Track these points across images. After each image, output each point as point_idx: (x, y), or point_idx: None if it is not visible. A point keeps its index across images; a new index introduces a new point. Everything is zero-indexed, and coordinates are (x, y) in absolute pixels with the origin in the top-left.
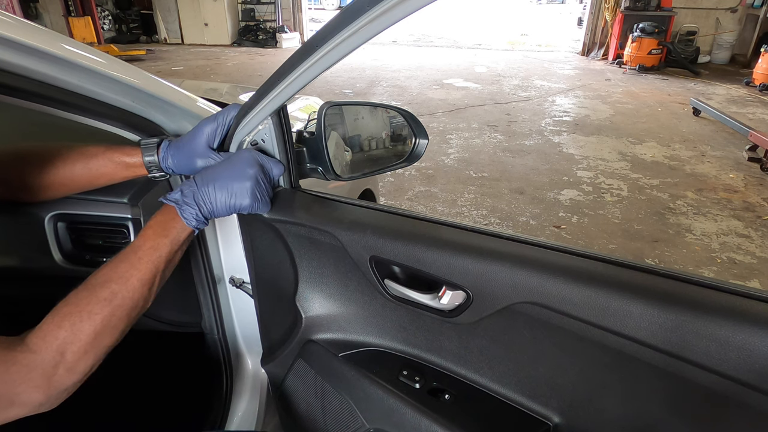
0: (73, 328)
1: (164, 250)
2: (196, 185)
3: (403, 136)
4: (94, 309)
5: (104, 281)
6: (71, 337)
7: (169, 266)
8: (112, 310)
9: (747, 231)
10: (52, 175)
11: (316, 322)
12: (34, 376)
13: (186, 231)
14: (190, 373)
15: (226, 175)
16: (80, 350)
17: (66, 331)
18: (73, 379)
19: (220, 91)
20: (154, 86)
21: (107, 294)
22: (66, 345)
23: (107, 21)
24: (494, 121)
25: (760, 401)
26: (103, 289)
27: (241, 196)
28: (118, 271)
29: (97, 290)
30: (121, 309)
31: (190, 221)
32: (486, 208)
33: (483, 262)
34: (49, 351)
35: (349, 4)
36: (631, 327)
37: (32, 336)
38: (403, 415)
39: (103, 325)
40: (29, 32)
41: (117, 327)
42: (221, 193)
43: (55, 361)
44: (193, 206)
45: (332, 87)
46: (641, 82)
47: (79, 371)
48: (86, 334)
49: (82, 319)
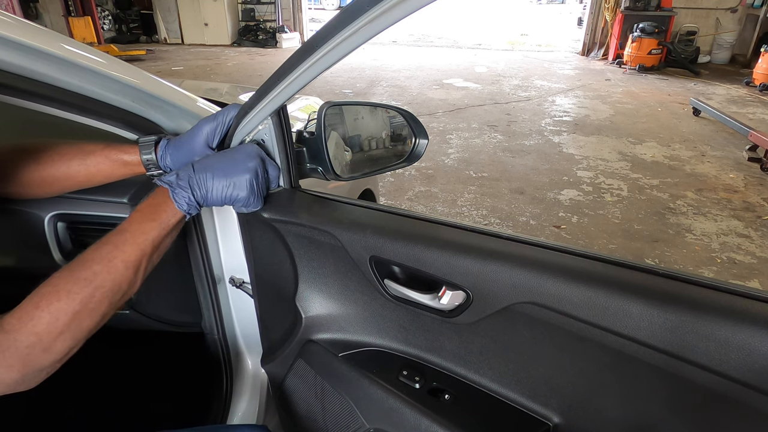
0: (50, 307)
1: (152, 234)
2: (193, 170)
3: (403, 136)
4: (73, 289)
5: (85, 261)
6: (47, 317)
7: (157, 251)
8: (92, 291)
9: (747, 231)
10: (49, 171)
11: (316, 322)
12: (8, 355)
13: (177, 216)
14: (190, 373)
15: (225, 164)
16: (57, 330)
17: (42, 311)
18: (50, 359)
19: (220, 91)
20: (154, 86)
21: (88, 274)
22: (42, 325)
23: (107, 21)
24: (494, 121)
25: (760, 401)
26: (83, 269)
27: (239, 187)
28: (101, 252)
29: (77, 270)
30: (102, 290)
31: (181, 205)
32: (486, 208)
33: (483, 262)
34: (24, 331)
35: (349, 4)
36: (631, 327)
37: (8, 316)
38: (403, 415)
39: (82, 305)
40: (29, 32)
41: (97, 309)
42: (219, 182)
43: (29, 341)
44: (186, 189)
45: (332, 87)
46: (641, 82)
47: (56, 351)
48: (64, 313)
49: (60, 298)
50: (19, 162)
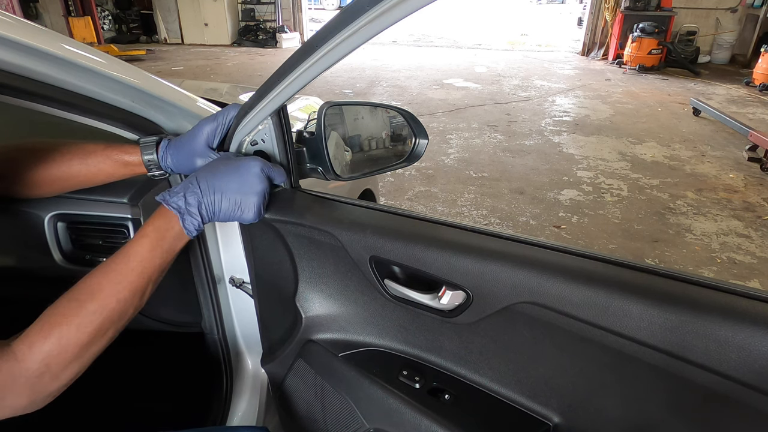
0: (61, 341)
1: (158, 261)
2: (200, 192)
3: (403, 136)
4: (83, 322)
5: (93, 291)
6: (57, 348)
7: (162, 273)
8: (100, 322)
9: (747, 231)
10: (50, 171)
11: (316, 322)
12: (18, 383)
13: (184, 240)
14: (190, 373)
15: (234, 187)
16: (66, 360)
17: (53, 344)
18: (58, 385)
19: (220, 91)
20: (154, 86)
21: (96, 307)
22: (52, 357)
23: (107, 21)
24: (494, 121)
25: (760, 401)
26: (91, 300)
27: (247, 210)
28: (109, 279)
29: (86, 302)
30: (110, 320)
31: (191, 232)
32: (486, 208)
33: (483, 262)
34: (35, 361)
35: (349, 4)
36: (630, 327)
37: (19, 344)
38: (403, 415)
39: (91, 337)
40: (29, 32)
41: (105, 335)
42: (227, 204)
43: (40, 371)
44: (197, 217)
45: (332, 87)
46: (641, 82)
47: (64, 378)
48: (74, 345)
49: (70, 331)
50: (20, 162)
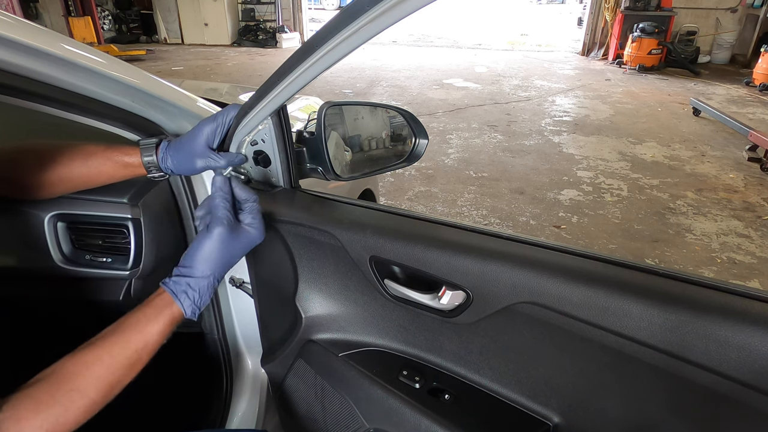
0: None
1: (158, 340)
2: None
3: (403, 136)
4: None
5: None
6: (64, 416)
7: None
8: (105, 393)
9: (747, 231)
10: (50, 173)
11: (316, 322)
12: None
13: (181, 318)
14: (190, 373)
15: (225, 262)
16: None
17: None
18: None
19: (220, 91)
20: (154, 86)
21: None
22: (59, 424)
23: (107, 21)
24: (494, 121)
25: (760, 401)
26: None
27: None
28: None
29: (89, 390)
30: (112, 394)
31: (192, 315)
32: (486, 208)
33: (483, 262)
34: (42, 420)
35: (349, 4)
36: (630, 327)
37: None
38: (403, 415)
39: (96, 405)
40: (29, 32)
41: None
42: (221, 273)
43: None
44: (198, 304)
45: (332, 87)
46: (641, 82)
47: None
48: (82, 414)
49: (75, 402)
50: (21, 164)
